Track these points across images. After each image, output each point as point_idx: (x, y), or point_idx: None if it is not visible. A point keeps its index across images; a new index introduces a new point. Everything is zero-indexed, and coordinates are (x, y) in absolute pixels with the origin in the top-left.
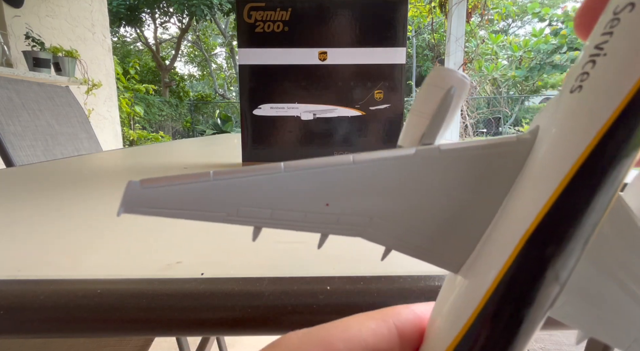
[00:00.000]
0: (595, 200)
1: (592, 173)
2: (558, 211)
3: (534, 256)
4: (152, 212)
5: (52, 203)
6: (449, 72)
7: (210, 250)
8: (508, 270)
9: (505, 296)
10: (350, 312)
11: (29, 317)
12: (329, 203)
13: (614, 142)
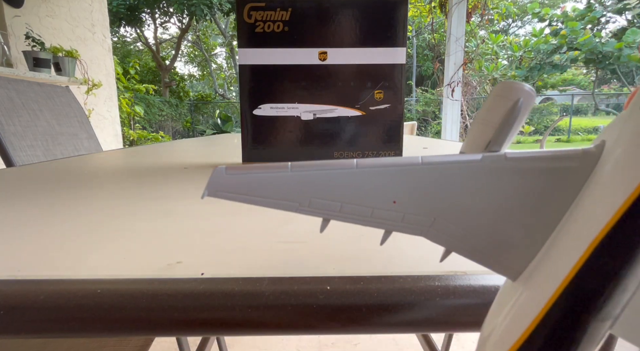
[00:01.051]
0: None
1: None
2: (627, 222)
3: (600, 265)
4: (233, 197)
5: (52, 203)
6: (516, 85)
7: (210, 250)
8: (572, 280)
9: (568, 306)
10: (351, 312)
11: (29, 317)
12: (396, 201)
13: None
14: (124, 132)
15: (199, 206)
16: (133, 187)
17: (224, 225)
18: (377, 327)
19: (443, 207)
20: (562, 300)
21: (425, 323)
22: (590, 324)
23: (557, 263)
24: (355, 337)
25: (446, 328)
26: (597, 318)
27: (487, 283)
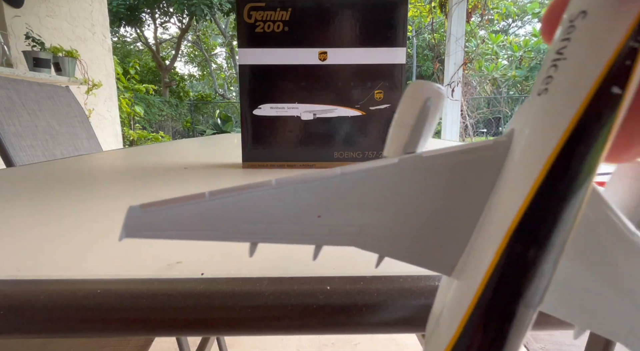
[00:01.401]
0: (569, 195)
1: (563, 170)
2: (535, 208)
3: (517, 253)
4: (153, 235)
5: (52, 203)
6: (425, 85)
7: (210, 250)
8: (494, 269)
9: (494, 294)
10: (351, 312)
11: (29, 317)
12: (320, 215)
13: (579, 140)
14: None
15: None
16: (133, 187)
17: None
18: (377, 327)
19: (368, 214)
20: (487, 291)
21: (425, 323)
22: (517, 311)
23: (481, 254)
24: (355, 337)
25: None
26: (522, 304)
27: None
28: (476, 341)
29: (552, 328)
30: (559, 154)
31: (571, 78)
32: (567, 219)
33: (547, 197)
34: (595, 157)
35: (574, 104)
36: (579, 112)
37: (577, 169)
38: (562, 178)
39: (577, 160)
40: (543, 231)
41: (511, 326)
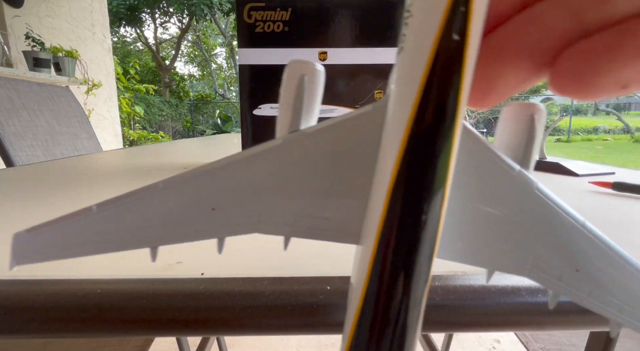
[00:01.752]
0: (439, 141)
1: (426, 119)
2: (409, 162)
3: (400, 206)
4: (46, 258)
5: (52, 203)
6: (299, 63)
7: (210, 250)
8: (384, 224)
9: (387, 248)
10: None
11: (29, 317)
12: (214, 208)
13: (435, 90)
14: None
15: None
16: (133, 187)
17: None
18: None
19: (263, 199)
20: (381, 246)
21: (425, 323)
22: (412, 261)
23: (373, 213)
24: None
25: (446, 328)
26: (415, 254)
27: (487, 283)
28: (381, 301)
29: (552, 328)
30: (420, 105)
31: (417, 32)
32: (441, 166)
33: (418, 147)
34: (454, 103)
35: (423, 56)
36: (429, 63)
37: (440, 116)
38: (428, 126)
39: (438, 107)
40: (420, 180)
41: (410, 277)
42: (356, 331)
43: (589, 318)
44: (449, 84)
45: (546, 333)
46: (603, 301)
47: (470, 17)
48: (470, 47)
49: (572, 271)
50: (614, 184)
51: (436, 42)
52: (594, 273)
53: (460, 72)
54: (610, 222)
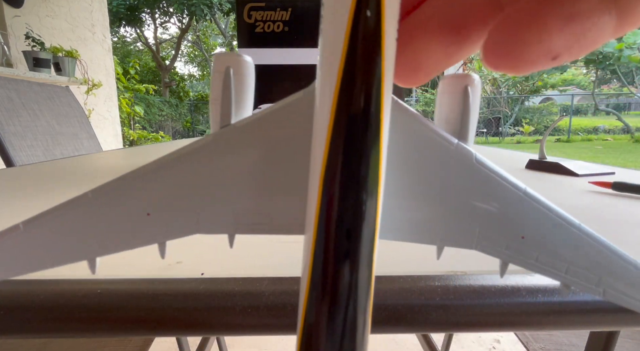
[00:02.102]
0: (365, 123)
1: (350, 100)
2: (337, 145)
3: (333, 194)
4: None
5: (53, 203)
6: (223, 55)
7: (210, 250)
8: (319, 214)
9: (325, 238)
10: None
11: (29, 317)
12: (149, 212)
13: (355, 70)
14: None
15: None
16: None
17: None
18: (377, 327)
19: (200, 198)
20: (319, 242)
21: (425, 323)
22: (352, 243)
23: (310, 200)
24: None
25: (446, 328)
26: (354, 236)
27: (487, 283)
28: (327, 282)
29: (552, 328)
30: (342, 85)
31: (333, 11)
32: (371, 146)
33: (344, 129)
34: (378, 81)
35: (339, 35)
36: (346, 40)
37: (364, 94)
38: (353, 107)
39: (360, 86)
40: (350, 163)
41: (352, 262)
42: (306, 315)
43: (589, 318)
44: (369, 62)
45: (546, 333)
46: (550, 265)
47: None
48: (387, 22)
49: (518, 239)
50: (614, 184)
51: (350, 20)
52: (540, 239)
53: (379, 49)
54: (611, 222)
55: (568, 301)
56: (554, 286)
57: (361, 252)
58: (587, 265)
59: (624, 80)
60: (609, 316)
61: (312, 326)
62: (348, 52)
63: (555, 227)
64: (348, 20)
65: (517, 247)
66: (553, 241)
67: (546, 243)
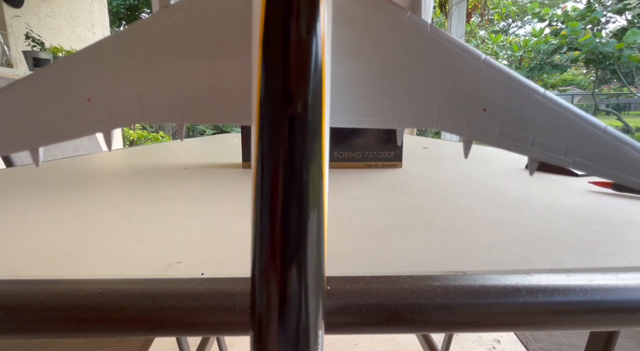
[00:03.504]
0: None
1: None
2: (272, 18)
3: (271, 66)
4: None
5: (52, 203)
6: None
7: (210, 250)
8: (260, 93)
9: (265, 123)
10: (351, 312)
11: (29, 317)
12: (89, 98)
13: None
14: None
15: (199, 206)
16: (133, 186)
17: (224, 225)
18: (377, 327)
19: (142, 83)
20: (261, 128)
21: (425, 323)
22: (301, 129)
23: (254, 87)
24: (355, 337)
25: (446, 328)
26: (303, 127)
27: (487, 283)
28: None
29: (552, 328)
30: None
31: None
32: (306, 16)
33: None
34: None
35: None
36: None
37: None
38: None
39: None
40: (286, 37)
41: (305, 132)
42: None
43: (589, 318)
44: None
45: (546, 333)
46: (514, 138)
47: None
48: None
49: (480, 112)
50: (614, 184)
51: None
52: (502, 110)
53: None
54: (611, 222)
55: (568, 301)
56: (554, 286)
57: (307, 139)
58: (554, 134)
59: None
60: (609, 316)
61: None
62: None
63: (518, 96)
64: None
65: (479, 121)
66: (516, 111)
67: (509, 114)
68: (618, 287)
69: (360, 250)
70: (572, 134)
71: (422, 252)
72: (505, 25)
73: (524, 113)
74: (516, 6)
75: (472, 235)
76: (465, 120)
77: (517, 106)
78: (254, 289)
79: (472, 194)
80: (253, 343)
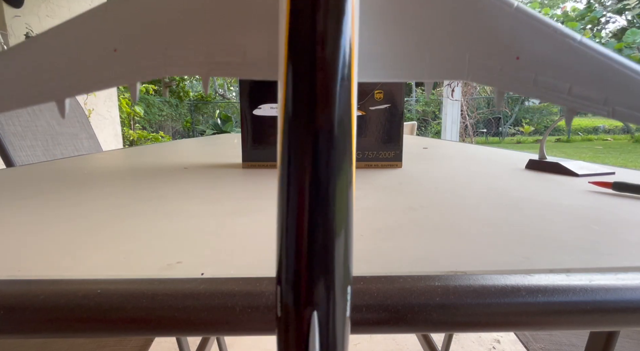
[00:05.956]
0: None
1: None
2: None
3: (301, 30)
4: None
5: (52, 203)
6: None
7: (210, 250)
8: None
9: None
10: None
11: (29, 317)
12: (116, 48)
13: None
14: (124, 132)
15: (199, 206)
16: (133, 187)
17: (224, 225)
18: (377, 327)
19: (169, 35)
20: (288, 81)
21: (425, 323)
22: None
23: (280, 45)
24: (355, 337)
25: (446, 328)
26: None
27: (487, 283)
28: None
29: (552, 328)
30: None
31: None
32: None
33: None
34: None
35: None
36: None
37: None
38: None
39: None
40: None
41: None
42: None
43: (589, 318)
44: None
45: (546, 333)
46: (550, 87)
47: None
48: None
49: (513, 60)
50: (614, 184)
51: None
52: (536, 58)
53: None
54: (611, 222)
55: (568, 301)
56: (554, 286)
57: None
58: (592, 82)
59: None
60: (609, 316)
61: None
62: None
63: (553, 43)
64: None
65: (512, 70)
66: (551, 59)
67: (544, 61)
68: (618, 287)
69: (360, 250)
70: (611, 82)
71: (422, 252)
72: None
73: (560, 60)
74: None
75: (472, 234)
76: (498, 69)
77: (552, 53)
78: (281, 297)
79: (472, 194)
80: (279, 345)
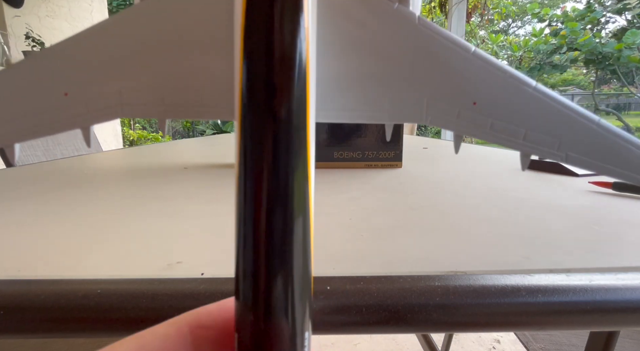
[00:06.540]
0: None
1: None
2: (252, 18)
3: (253, 73)
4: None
5: (52, 203)
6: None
7: (210, 250)
8: (242, 90)
9: (248, 114)
10: (350, 312)
11: (29, 317)
12: (67, 92)
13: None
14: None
15: (199, 206)
16: (133, 187)
17: (224, 225)
18: (377, 327)
19: (123, 76)
20: (244, 121)
21: (425, 323)
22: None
23: (236, 81)
24: (355, 337)
25: (446, 328)
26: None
27: (487, 283)
28: None
29: (552, 328)
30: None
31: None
32: (290, 12)
33: None
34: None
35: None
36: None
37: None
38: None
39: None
40: (270, 32)
41: (280, 122)
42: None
43: (589, 318)
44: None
45: (546, 333)
46: (506, 132)
47: None
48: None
49: (470, 105)
50: (614, 184)
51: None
52: (493, 103)
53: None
54: (611, 222)
55: (568, 301)
56: (554, 286)
57: (292, 134)
58: (546, 128)
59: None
60: (609, 316)
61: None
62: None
63: (509, 89)
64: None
65: (469, 115)
66: (507, 105)
67: (500, 107)
68: (618, 287)
69: (360, 250)
70: (564, 128)
71: (422, 252)
72: (505, 26)
73: (515, 106)
74: (516, 6)
75: (472, 235)
76: (455, 114)
77: (508, 99)
78: (237, 292)
79: (472, 194)
80: (238, 345)
